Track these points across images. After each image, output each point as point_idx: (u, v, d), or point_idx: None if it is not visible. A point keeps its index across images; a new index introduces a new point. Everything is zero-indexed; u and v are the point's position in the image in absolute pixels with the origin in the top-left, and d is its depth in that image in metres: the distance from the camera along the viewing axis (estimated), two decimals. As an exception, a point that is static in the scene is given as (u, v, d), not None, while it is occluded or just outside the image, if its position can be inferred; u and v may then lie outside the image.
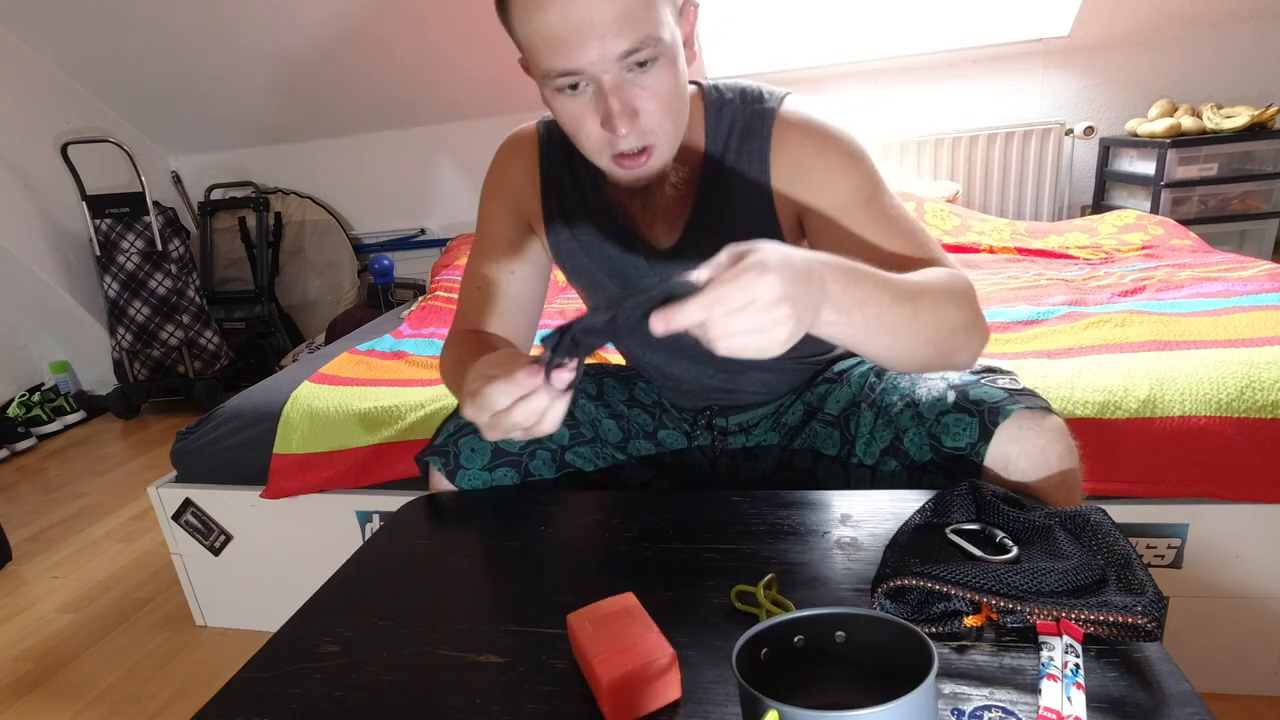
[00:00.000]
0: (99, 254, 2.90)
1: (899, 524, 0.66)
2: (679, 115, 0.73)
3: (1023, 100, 2.69)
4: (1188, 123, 2.34)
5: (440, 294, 2.32)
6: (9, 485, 2.61)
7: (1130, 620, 0.50)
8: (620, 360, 1.12)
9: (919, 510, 0.66)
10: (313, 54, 2.78)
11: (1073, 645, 0.51)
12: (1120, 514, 1.01)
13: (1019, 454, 0.72)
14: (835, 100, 2.81)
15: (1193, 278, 1.66)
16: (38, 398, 3.03)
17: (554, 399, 0.60)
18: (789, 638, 0.48)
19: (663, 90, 0.69)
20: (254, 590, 1.61)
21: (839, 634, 0.48)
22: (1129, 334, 1.35)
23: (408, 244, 3.37)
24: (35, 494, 2.50)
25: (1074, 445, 0.74)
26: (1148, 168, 2.41)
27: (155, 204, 2.92)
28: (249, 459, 1.50)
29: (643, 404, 1.04)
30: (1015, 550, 0.59)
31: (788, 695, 0.40)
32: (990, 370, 0.84)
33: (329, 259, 3.36)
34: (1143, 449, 1.11)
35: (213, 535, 1.58)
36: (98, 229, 2.89)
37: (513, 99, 2.86)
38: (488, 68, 2.72)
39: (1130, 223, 2.20)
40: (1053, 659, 0.50)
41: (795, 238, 0.83)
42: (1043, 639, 0.53)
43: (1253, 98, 2.47)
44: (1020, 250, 2.16)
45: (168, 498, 1.57)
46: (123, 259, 2.91)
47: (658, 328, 0.51)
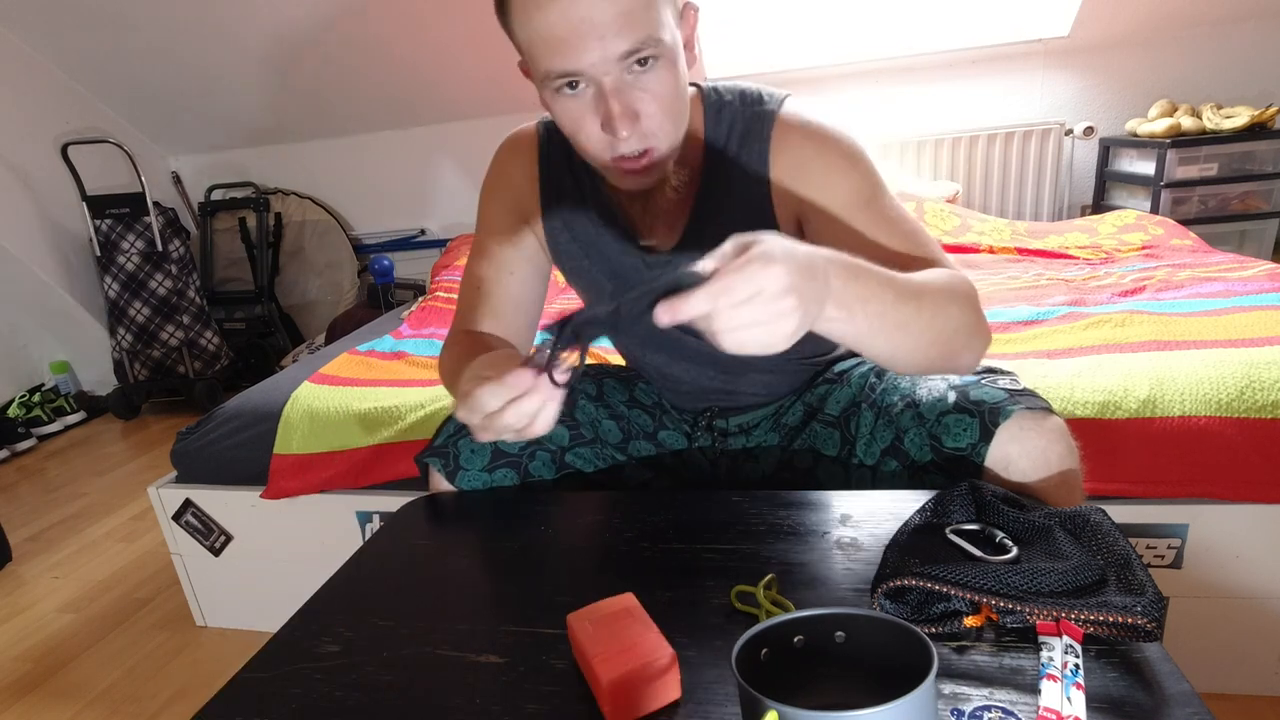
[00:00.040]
0: (99, 254, 2.90)
1: (899, 524, 0.66)
2: (679, 117, 0.73)
3: (1023, 100, 2.69)
4: (1188, 123, 2.34)
5: (440, 294, 2.32)
6: (9, 485, 2.61)
7: (1130, 620, 0.50)
8: (620, 361, 1.12)
9: (919, 510, 0.66)
10: (313, 54, 2.78)
11: (1072, 645, 0.51)
12: (1120, 514, 1.01)
13: (1020, 454, 0.72)
14: (835, 100, 2.81)
15: (1193, 278, 1.66)
16: (38, 398, 3.03)
17: (546, 401, 0.59)
18: (789, 638, 0.48)
19: (663, 92, 0.68)
20: (254, 590, 1.61)
21: (839, 634, 0.48)
22: (1129, 334, 1.35)
23: (408, 244, 3.37)
24: (35, 494, 2.50)
25: (1075, 446, 0.74)
26: (1148, 168, 2.41)
27: (155, 204, 2.92)
28: (249, 459, 1.50)
29: (643, 405, 1.04)
30: (1015, 550, 0.59)
31: (788, 695, 0.40)
32: (991, 371, 0.84)
33: (329, 259, 3.36)
34: (1143, 449, 1.11)
35: (213, 535, 1.58)
36: (98, 229, 2.89)
37: (513, 99, 2.86)
38: (488, 68, 2.72)
39: (1130, 223, 2.20)
40: (1052, 659, 0.50)
41: (795, 239, 0.83)
42: (1042, 639, 0.53)
43: (1253, 98, 2.47)
44: (1020, 250, 2.16)
45: (168, 498, 1.57)
46: (123, 259, 2.91)
47: (663, 319, 0.50)
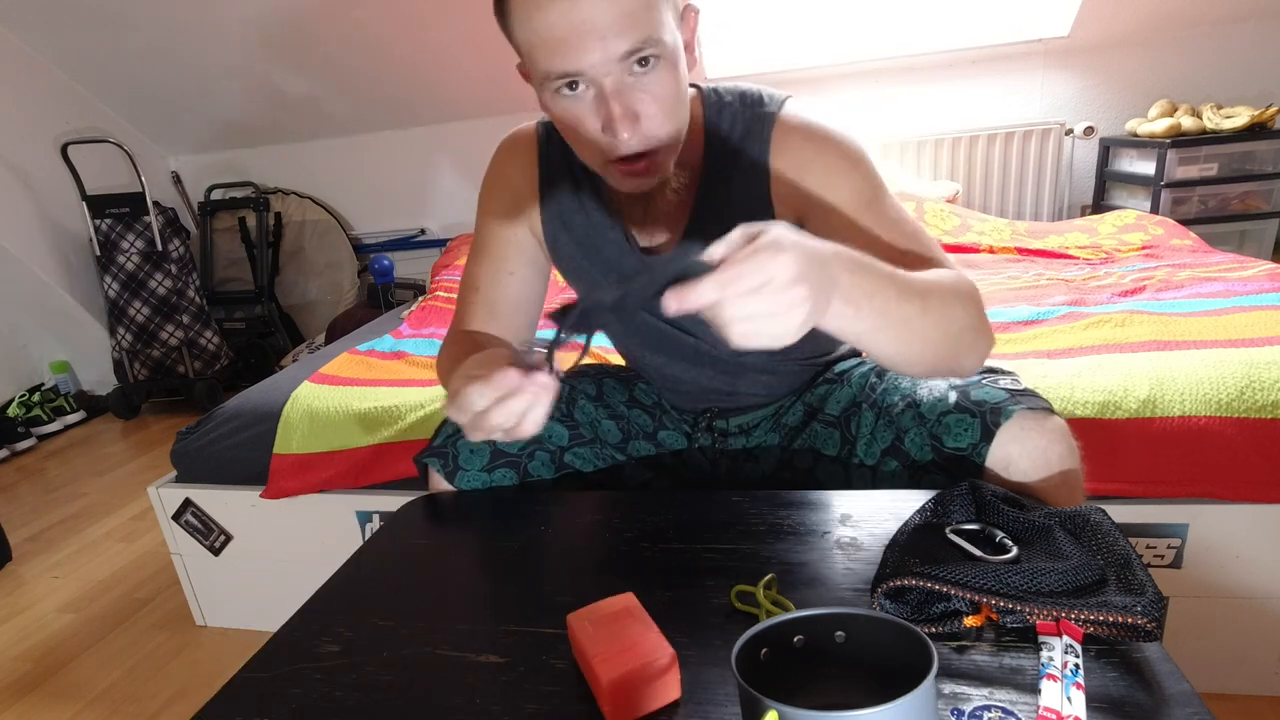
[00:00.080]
0: (99, 254, 2.90)
1: (899, 524, 0.66)
2: (680, 119, 0.72)
3: (1023, 100, 2.69)
4: (1188, 123, 2.34)
5: (440, 294, 2.32)
6: (9, 485, 2.61)
7: (1130, 620, 0.50)
8: (620, 361, 1.12)
9: (919, 510, 0.66)
10: (313, 54, 2.78)
11: (1072, 645, 0.51)
12: (1120, 514, 1.01)
13: (1020, 454, 0.72)
14: (835, 100, 2.81)
15: (1193, 278, 1.66)
16: (38, 398, 3.03)
17: (534, 400, 0.59)
18: (789, 638, 0.48)
19: (664, 93, 0.68)
20: (254, 590, 1.61)
21: (839, 634, 0.48)
22: (1129, 334, 1.35)
23: (408, 244, 3.37)
24: (35, 494, 2.50)
25: (1075, 446, 0.74)
26: (1148, 168, 2.41)
27: (155, 204, 2.92)
28: (249, 459, 1.50)
29: (643, 405, 1.04)
30: (1015, 550, 0.59)
31: (788, 695, 0.40)
32: (991, 371, 0.84)
33: (329, 259, 3.36)
34: (1143, 449, 1.11)
35: (213, 535, 1.58)
36: (98, 229, 2.89)
37: (513, 99, 2.86)
38: (488, 68, 2.72)
39: (1130, 223, 2.20)
40: (1052, 659, 0.50)
41: None
42: (1042, 639, 0.53)
43: (1253, 98, 2.47)
44: (1020, 250, 2.16)
45: (168, 498, 1.57)
46: (123, 259, 2.91)
47: (670, 307, 0.50)
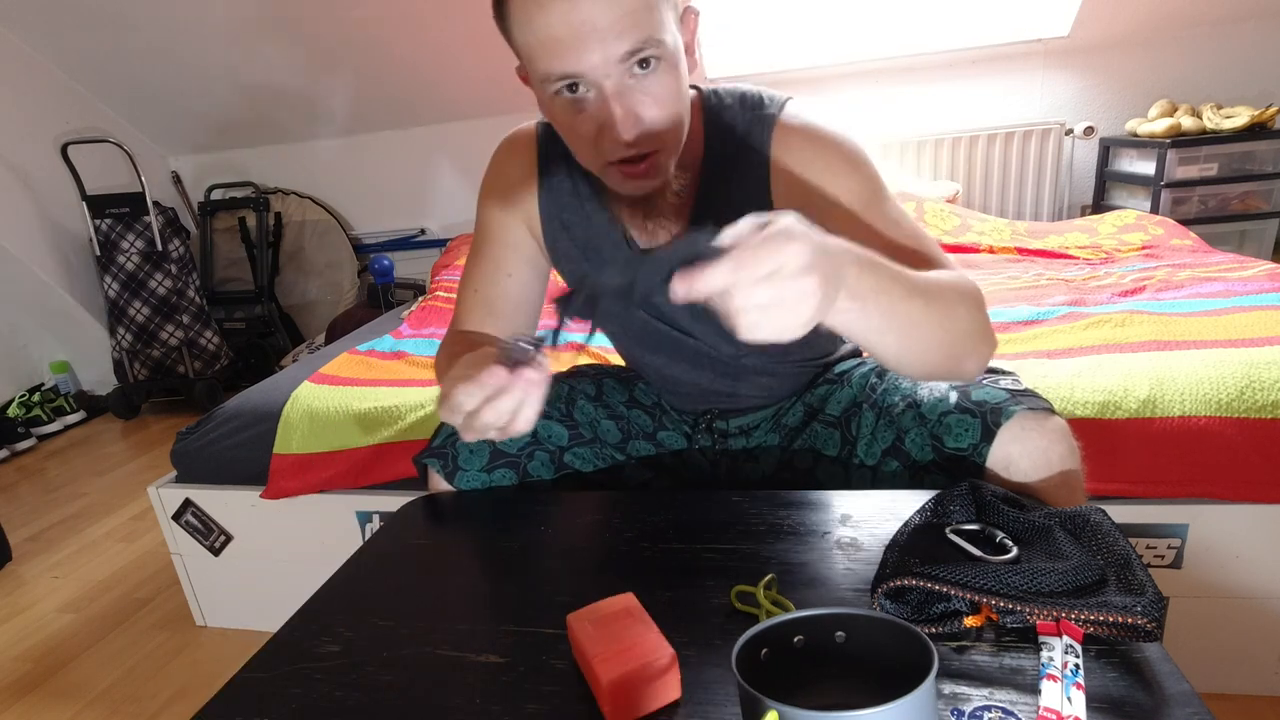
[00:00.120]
0: (99, 254, 2.90)
1: (899, 524, 0.66)
2: (681, 120, 0.72)
3: (1023, 100, 2.69)
4: (1188, 123, 2.34)
5: (440, 294, 2.32)
6: (9, 485, 2.61)
7: (1130, 620, 0.50)
8: (620, 362, 1.12)
9: (919, 510, 0.66)
10: (313, 54, 2.78)
11: (1073, 645, 0.51)
12: (1120, 514, 1.01)
13: (1021, 455, 0.72)
14: (835, 100, 2.81)
15: (1193, 278, 1.66)
16: (38, 398, 3.03)
17: (523, 396, 0.59)
18: (789, 638, 0.48)
19: (665, 95, 0.68)
20: (254, 590, 1.61)
21: (839, 634, 0.48)
22: (1129, 334, 1.35)
23: (408, 244, 3.37)
24: (35, 494, 2.50)
25: (1076, 446, 0.74)
26: (1148, 168, 2.41)
27: (155, 204, 2.92)
28: (249, 459, 1.50)
29: (642, 405, 1.04)
30: (1015, 550, 0.59)
31: (788, 695, 0.40)
32: (992, 371, 0.84)
33: (329, 259, 3.36)
34: (1143, 449, 1.11)
35: (213, 535, 1.58)
36: (98, 229, 2.89)
37: (513, 99, 2.85)
38: (487, 68, 2.71)
39: (1130, 223, 2.20)
40: (1052, 659, 0.50)
41: None
42: (1042, 639, 0.53)
43: (1253, 98, 2.47)
44: (1020, 250, 2.16)
45: (168, 498, 1.57)
46: (123, 259, 2.91)
47: (679, 292, 0.49)
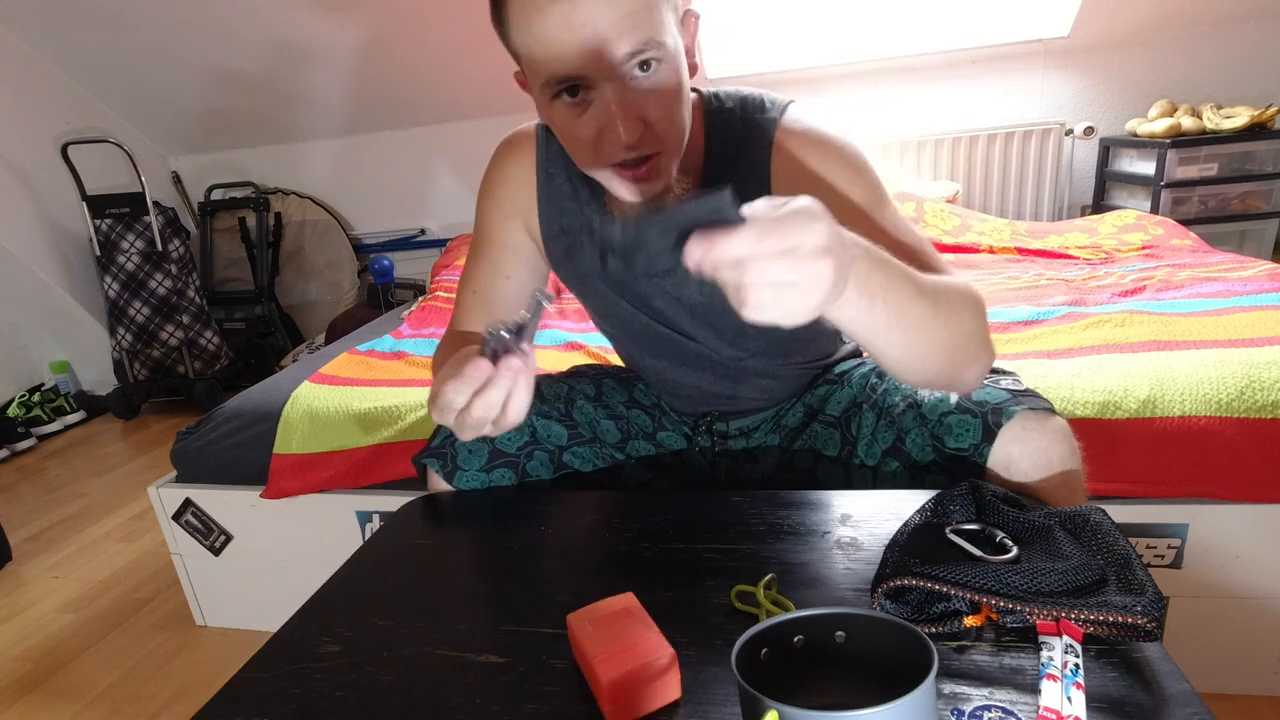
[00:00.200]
0: (99, 254, 2.90)
1: (899, 524, 0.66)
2: (682, 123, 0.71)
3: (1023, 100, 2.69)
4: (1188, 123, 2.34)
5: (440, 294, 2.32)
6: (9, 485, 2.60)
7: (1130, 620, 0.50)
8: (620, 362, 1.12)
9: (919, 510, 0.66)
10: (313, 54, 2.78)
11: (1072, 645, 0.51)
12: (1120, 514, 1.01)
13: (1021, 455, 0.72)
14: (835, 100, 2.81)
15: (1193, 278, 1.66)
16: (38, 398, 3.03)
17: (511, 385, 0.58)
18: (789, 638, 0.48)
19: (666, 97, 0.67)
20: (254, 590, 1.61)
21: (839, 634, 0.48)
22: (1129, 334, 1.35)
23: (408, 244, 3.37)
24: (35, 494, 2.50)
25: (1076, 446, 0.74)
26: (1148, 168, 2.41)
27: (155, 204, 2.92)
28: (249, 459, 1.50)
29: (642, 405, 1.04)
30: (1015, 550, 0.59)
31: (788, 695, 0.40)
32: (993, 371, 0.83)
33: (329, 259, 3.36)
34: (1143, 449, 1.11)
35: (213, 535, 1.58)
36: (98, 229, 2.89)
37: (512, 99, 2.85)
38: (487, 68, 2.71)
39: (1130, 223, 2.20)
40: (1052, 659, 0.50)
41: None
42: (1042, 639, 0.53)
43: (1253, 98, 2.47)
44: (1020, 250, 2.16)
45: (168, 498, 1.57)
46: (123, 259, 2.91)
47: (694, 254, 0.47)
